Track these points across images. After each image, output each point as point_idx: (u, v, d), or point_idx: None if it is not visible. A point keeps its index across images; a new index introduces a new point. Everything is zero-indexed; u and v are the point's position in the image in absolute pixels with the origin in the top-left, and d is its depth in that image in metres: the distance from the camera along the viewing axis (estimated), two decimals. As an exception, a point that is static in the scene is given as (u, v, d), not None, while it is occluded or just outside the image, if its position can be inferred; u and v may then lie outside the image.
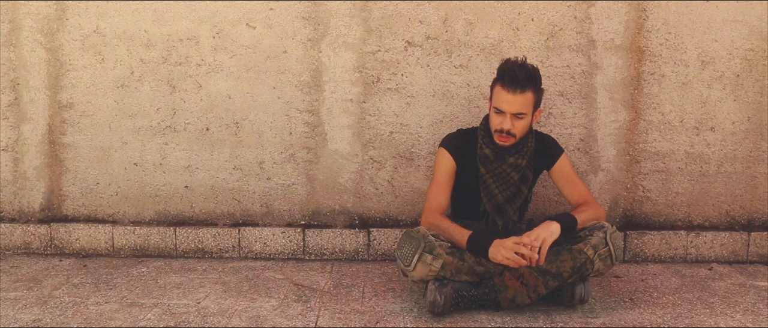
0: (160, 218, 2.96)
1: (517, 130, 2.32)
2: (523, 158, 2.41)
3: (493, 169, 2.42)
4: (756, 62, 2.89)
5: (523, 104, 2.29)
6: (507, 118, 2.30)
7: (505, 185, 2.42)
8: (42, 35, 2.86)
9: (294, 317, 2.21)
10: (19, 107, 2.91)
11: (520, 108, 2.29)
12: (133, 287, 2.49)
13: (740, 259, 2.94)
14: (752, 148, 2.95)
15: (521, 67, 2.28)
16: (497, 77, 2.34)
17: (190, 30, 2.84)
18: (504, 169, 2.41)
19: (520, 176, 2.43)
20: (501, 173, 2.42)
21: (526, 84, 2.27)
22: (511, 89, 2.27)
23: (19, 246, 2.94)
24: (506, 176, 2.42)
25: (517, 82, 2.26)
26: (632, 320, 2.21)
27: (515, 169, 2.42)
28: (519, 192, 2.45)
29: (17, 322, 2.14)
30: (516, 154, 2.40)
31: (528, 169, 2.44)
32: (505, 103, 2.29)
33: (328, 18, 2.83)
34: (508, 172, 2.41)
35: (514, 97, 2.27)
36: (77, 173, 2.94)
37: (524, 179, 2.45)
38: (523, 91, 2.27)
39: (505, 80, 2.28)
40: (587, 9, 2.83)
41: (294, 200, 2.94)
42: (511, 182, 2.42)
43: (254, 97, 2.88)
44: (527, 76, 2.27)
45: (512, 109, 2.28)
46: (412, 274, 2.21)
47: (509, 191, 2.43)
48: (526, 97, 2.28)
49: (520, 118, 2.31)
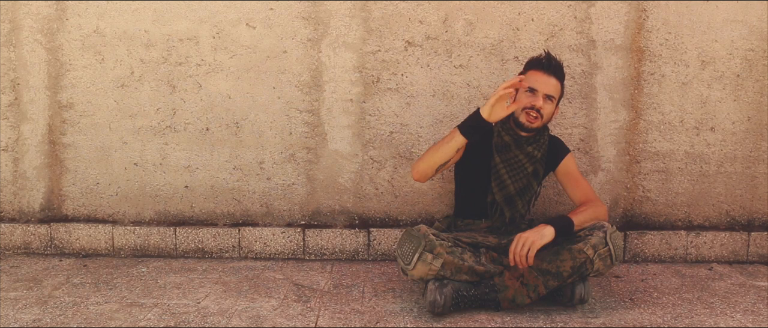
0: (160, 218, 2.96)
1: (545, 111, 2.39)
2: (539, 150, 2.46)
3: (508, 158, 2.44)
4: (756, 62, 2.89)
5: (554, 88, 2.39)
6: (539, 97, 2.36)
7: (518, 176, 2.44)
8: (42, 35, 2.86)
9: (294, 317, 2.21)
10: (19, 107, 2.91)
11: (552, 90, 2.38)
12: (133, 287, 2.49)
13: (740, 259, 2.94)
14: (752, 148, 2.95)
15: (554, 57, 2.42)
16: (528, 65, 2.44)
17: (190, 30, 2.84)
18: (520, 158, 2.44)
19: (533, 169, 2.46)
20: (516, 163, 2.44)
21: (557, 72, 2.40)
22: (547, 71, 2.38)
23: (19, 246, 2.94)
24: (521, 166, 2.44)
25: (551, 68, 2.39)
26: (632, 320, 2.21)
27: (531, 160, 2.44)
28: (530, 185, 2.47)
29: (17, 322, 2.14)
30: (533, 144, 2.45)
31: (540, 164, 2.47)
32: (540, 83, 2.37)
33: (328, 18, 2.83)
34: (523, 162, 2.44)
35: (548, 79, 2.37)
36: (77, 173, 2.94)
37: (536, 173, 2.47)
38: (556, 76, 2.39)
39: (542, 64, 2.40)
40: (587, 9, 2.83)
41: (294, 200, 2.94)
42: (524, 172, 2.44)
43: (254, 97, 2.88)
44: (559, 66, 2.42)
45: (546, 90, 2.37)
46: (412, 273, 2.21)
47: (521, 182, 2.45)
48: (557, 84, 2.40)
49: (549, 101, 2.39)
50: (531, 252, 2.17)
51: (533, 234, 2.20)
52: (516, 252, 2.18)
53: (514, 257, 2.19)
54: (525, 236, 2.20)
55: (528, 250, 2.17)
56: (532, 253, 2.18)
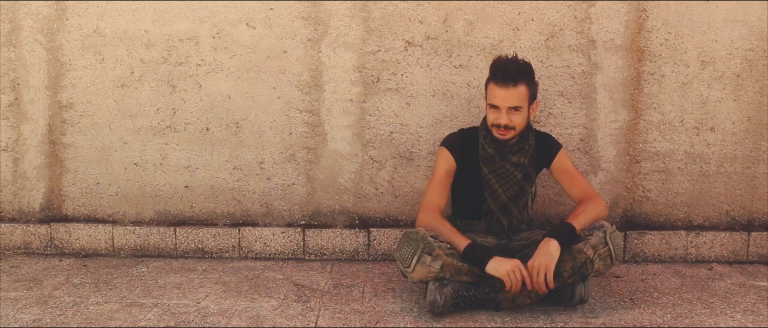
0: (160, 218, 2.96)
1: (515, 123, 2.34)
2: (526, 157, 2.42)
3: (496, 168, 2.42)
4: (756, 62, 2.89)
5: (517, 98, 2.31)
6: (502, 113, 2.32)
7: (508, 185, 2.42)
8: (42, 35, 2.86)
9: (294, 317, 2.21)
10: (19, 107, 2.91)
11: (514, 102, 2.31)
12: (133, 287, 2.49)
13: (740, 259, 2.94)
14: (752, 148, 2.95)
15: (512, 62, 2.32)
16: (489, 75, 2.37)
17: (190, 30, 2.84)
18: (507, 168, 2.41)
19: (523, 174, 2.43)
20: (504, 173, 2.42)
21: (517, 78, 2.30)
22: (504, 84, 2.30)
23: (19, 246, 2.93)
24: (510, 175, 2.42)
25: (509, 77, 2.30)
26: (632, 320, 2.21)
27: (518, 167, 2.42)
28: (523, 191, 2.45)
29: (17, 322, 2.14)
30: (518, 153, 2.41)
31: (530, 167, 2.45)
32: (499, 99, 2.32)
33: (328, 18, 2.83)
34: (511, 171, 2.42)
35: (507, 92, 2.30)
36: (77, 173, 2.94)
37: (527, 178, 2.45)
38: (516, 85, 2.30)
39: (496, 77, 2.32)
40: (587, 9, 2.83)
41: (294, 200, 2.94)
42: (514, 180, 2.42)
43: (254, 97, 2.88)
44: (518, 70, 2.31)
45: (507, 104, 2.31)
46: (412, 275, 2.21)
47: (513, 190, 2.43)
48: (520, 90, 2.31)
49: (517, 112, 2.33)
50: (549, 276, 2.16)
51: (543, 258, 2.17)
52: (535, 283, 2.17)
53: (535, 287, 2.18)
54: (537, 264, 2.17)
55: (545, 275, 2.16)
56: (551, 276, 2.16)
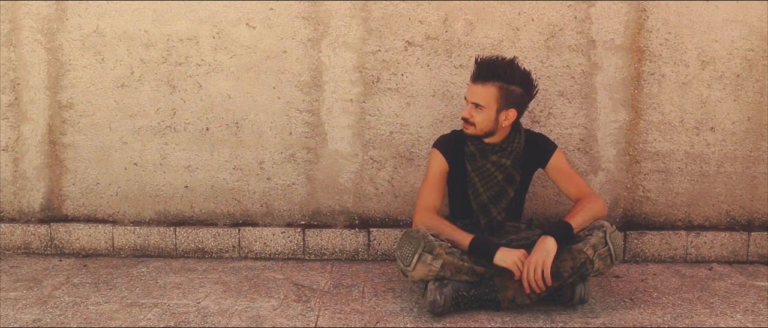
0: (160, 218, 2.96)
1: (476, 120, 2.36)
2: (507, 158, 2.43)
3: (478, 167, 2.44)
4: (756, 62, 2.89)
5: (482, 96, 2.33)
6: (467, 107, 2.38)
7: (489, 184, 2.44)
8: (42, 35, 2.86)
9: (294, 317, 2.21)
10: (19, 107, 2.91)
11: (477, 99, 2.34)
12: (133, 287, 2.49)
13: (740, 259, 2.94)
14: (752, 148, 2.95)
15: (490, 61, 2.34)
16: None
17: (190, 30, 2.84)
18: (487, 167, 2.43)
19: (505, 176, 2.44)
20: (485, 172, 2.44)
21: (488, 77, 2.32)
22: (473, 79, 2.36)
23: (19, 246, 2.94)
24: (490, 174, 2.44)
25: (479, 74, 2.34)
26: (632, 320, 2.21)
27: (499, 168, 2.43)
28: (504, 192, 2.45)
29: (17, 322, 2.14)
30: (499, 153, 2.42)
31: (514, 169, 2.45)
32: (469, 93, 2.38)
33: (328, 18, 2.83)
34: (492, 170, 2.43)
35: (474, 87, 2.35)
36: (77, 173, 2.94)
37: (509, 179, 2.45)
38: (484, 83, 2.33)
39: (473, 72, 2.38)
40: (587, 9, 2.83)
41: (294, 200, 2.94)
42: (494, 181, 2.44)
43: (254, 97, 2.88)
44: (491, 70, 2.32)
45: (471, 99, 2.37)
46: (412, 274, 2.21)
47: (493, 190, 2.44)
48: (488, 89, 2.32)
49: (479, 109, 2.35)
50: (545, 273, 2.17)
51: (539, 255, 2.18)
52: (531, 280, 2.18)
53: (531, 284, 2.18)
54: (533, 261, 2.18)
55: (541, 271, 2.17)
56: (547, 273, 2.17)
